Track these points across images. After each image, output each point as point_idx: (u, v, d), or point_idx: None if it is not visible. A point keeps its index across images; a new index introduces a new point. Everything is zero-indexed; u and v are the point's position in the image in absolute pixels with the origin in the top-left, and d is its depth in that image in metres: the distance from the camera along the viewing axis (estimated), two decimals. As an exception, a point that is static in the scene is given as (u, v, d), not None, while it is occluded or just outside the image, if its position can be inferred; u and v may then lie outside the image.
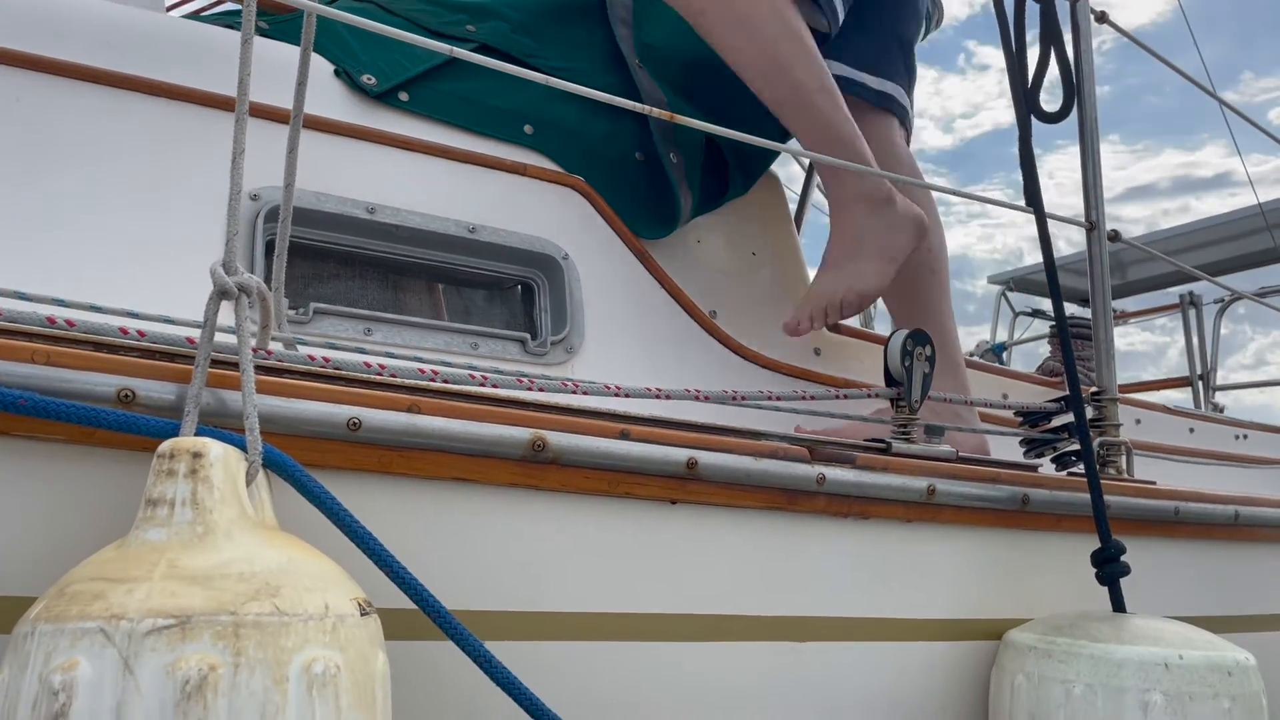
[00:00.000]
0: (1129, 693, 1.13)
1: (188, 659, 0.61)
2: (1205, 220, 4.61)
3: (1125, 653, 1.15)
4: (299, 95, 1.02)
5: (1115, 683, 1.14)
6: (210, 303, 0.78)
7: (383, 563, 0.79)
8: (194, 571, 0.64)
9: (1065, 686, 1.15)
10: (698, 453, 1.02)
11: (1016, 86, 1.49)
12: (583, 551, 0.98)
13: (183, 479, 0.68)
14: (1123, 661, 1.14)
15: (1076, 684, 1.15)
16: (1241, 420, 2.77)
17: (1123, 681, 1.14)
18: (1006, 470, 1.28)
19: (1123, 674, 1.14)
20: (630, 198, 1.64)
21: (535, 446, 0.93)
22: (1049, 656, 1.18)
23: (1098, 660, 1.15)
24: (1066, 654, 1.17)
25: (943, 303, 1.82)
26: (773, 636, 1.10)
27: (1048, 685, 1.16)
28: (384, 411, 0.86)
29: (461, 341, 1.42)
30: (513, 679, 0.82)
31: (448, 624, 0.80)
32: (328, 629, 0.66)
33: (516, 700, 0.82)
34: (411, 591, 0.80)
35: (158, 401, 0.78)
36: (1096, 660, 1.15)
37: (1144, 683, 1.13)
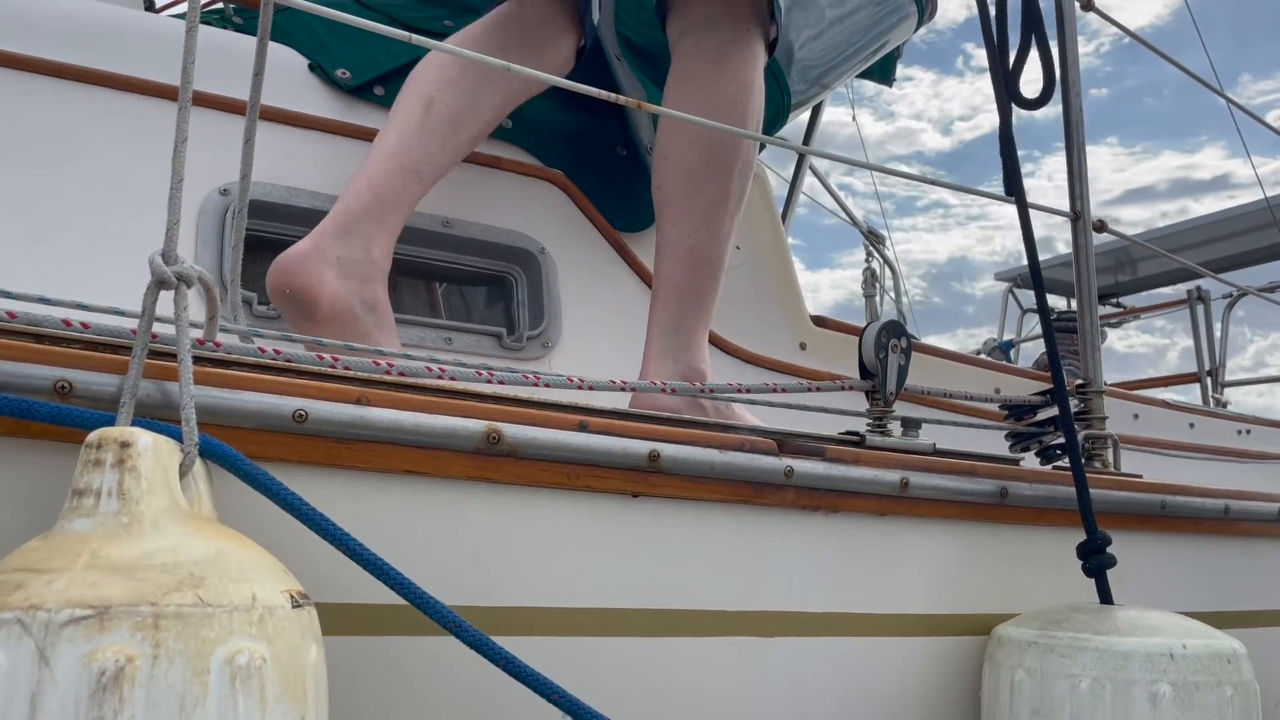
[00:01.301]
0: (1137, 685, 1.12)
1: (105, 650, 0.60)
2: (1211, 215, 4.57)
3: (1130, 644, 1.14)
4: (255, 86, 1.01)
5: (1123, 675, 1.12)
6: (148, 293, 0.77)
7: (338, 541, 0.78)
8: (116, 562, 0.63)
9: (1071, 681, 1.13)
10: (660, 445, 1.01)
11: (996, 72, 1.47)
12: (540, 546, 0.97)
13: (109, 469, 0.68)
14: (1129, 654, 1.13)
15: (1083, 678, 1.13)
16: (1244, 415, 2.73)
17: (1130, 674, 1.12)
18: (984, 463, 1.26)
19: (1130, 666, 1.12)
20: (610, 191, 1.63)
21: (490, 438, 0.92)
22: (1051, 651, 1.16)
23: (1103, 653, 1.13)
24: (1070, 648, 1.15)
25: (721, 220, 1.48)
26: (739, 632, 1.08)
27: (1052, 680, 1.15)
28: (331, 403, 0.85)
29: (435, 337, 1.41)
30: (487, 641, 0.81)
31: (413, 595, 0.79)
32: (254, 620, 0.65)
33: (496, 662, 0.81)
34: (372, 568, 0.78)
35: (96, 393, 0.77)
36: (1102, 653, 1.13)
37: (1151, 674, 1.12)
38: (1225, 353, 4.24)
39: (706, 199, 1.36)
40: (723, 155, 1.37)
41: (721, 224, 1.38)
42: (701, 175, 1.36)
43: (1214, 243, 4.59)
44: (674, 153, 1.38)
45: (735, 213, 1.41)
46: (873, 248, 5.66)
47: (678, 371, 1.34)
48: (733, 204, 1.39)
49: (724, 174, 1.37)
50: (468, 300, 1.52)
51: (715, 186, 1.36)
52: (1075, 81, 1.55)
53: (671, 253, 1.36)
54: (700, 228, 1.36)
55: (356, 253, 1.20)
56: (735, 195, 1.40)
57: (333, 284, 1.17)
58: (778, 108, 1.83)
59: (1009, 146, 1.46)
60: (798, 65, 1.92)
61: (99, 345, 0.82)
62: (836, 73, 2.04)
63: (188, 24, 0.83)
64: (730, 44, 1.40)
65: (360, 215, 1.22)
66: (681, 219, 1.37)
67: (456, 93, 1.32)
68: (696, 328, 1.36)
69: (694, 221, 1.36)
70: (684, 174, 1.37)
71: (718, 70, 1.39)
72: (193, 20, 0.83)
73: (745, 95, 1.39)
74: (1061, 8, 1.55)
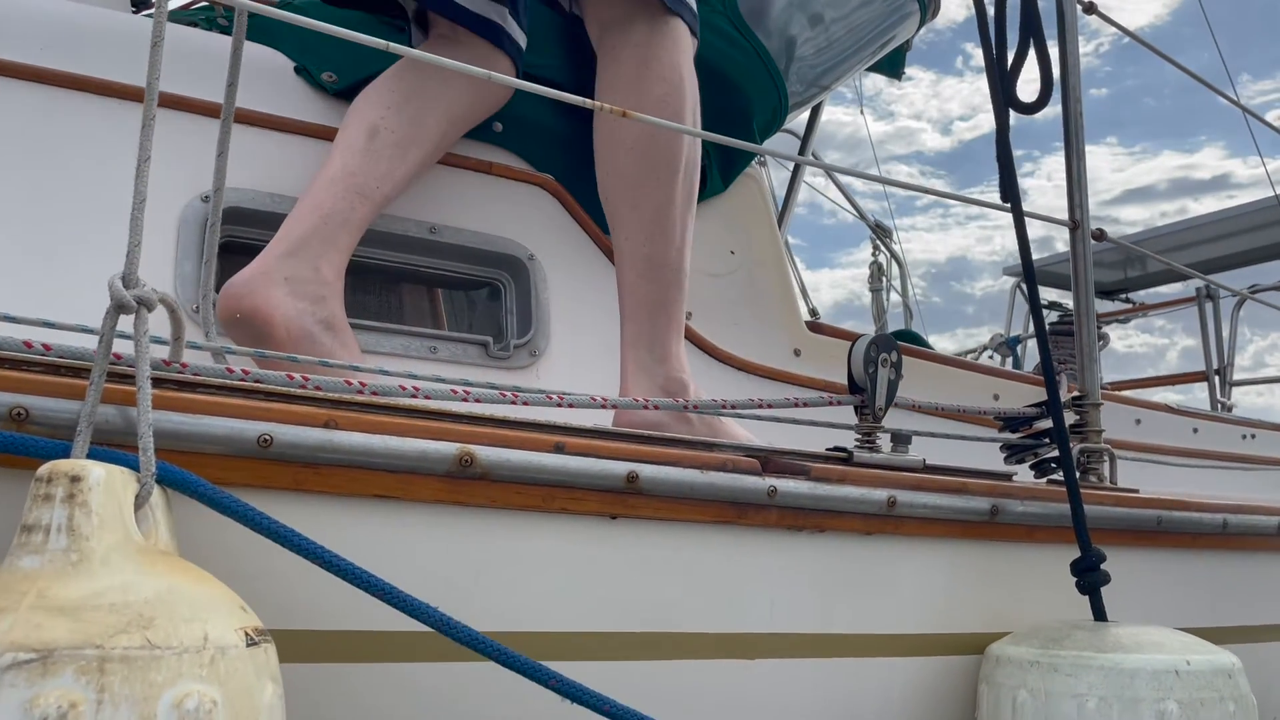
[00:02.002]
0: (1144, 703, 1.11)
1: (47, 695, 0.58)
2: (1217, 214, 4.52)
3: (1136, 662, 1.12)
4: (229, 96, 0.99)
5: (1129, 694, 1.11)
6: (107, 317, 0.76)
7: (314, 556, 0.76)
8: (63, 602, 0.62)
9: (1077, 700, 1.12)
10: (639, 466, 0.99)
11: (993, 76, 1.44)
12: (516, 570, 0.95)
13: (59, 504, 0.66)
14: (1135, 671, 1.12)
15: (1089, 697, 1.12)
16: (1249, 419, 2.70)
17: (1137, 692, 1.11)
18: (974, 480, 1.24)
19: (1136, 684, 1.11)
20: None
21: (462, 461, 0.90)
22: (1055, 670, 1.14)
23: (1109, 672, 1.12)
24: (1075, 667, 1.13)
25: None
26: (720, 654, 1.06)
27: (1057, 701, 1.13)
28: (298, 427, 0.83)
29: (420, 345, 1.39)
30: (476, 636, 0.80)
31: (396, 599, 0.77)
32: (205, 661, 0.63)
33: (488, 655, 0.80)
34: (351, 578, 0.77)
35: (54, 420, 0.75)
36: (1108, 672, 1.12)
37: (1158, 692, 1.11)
38: (1234, 351, 4.19)
39: (654, 205, 1.34)
40: (663, 158, 1.34)
41: (672, 227, 1.35)
42: (645, 182, 1.34)
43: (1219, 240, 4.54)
44: (613, 163, 1.36)
45: (686, 214, 1.38)
46: (880, 241, 5.62)
47: (658, 385, 1.33)
48: (680, 205, 1.36)
49: (667, 177, 1.35)
50: (454, 308, 1.50)
51: (660, 191, 1.34)
52: (1075, 86, 1.52)
53: (630, 265, 1.35)
54: (654, 234, 1.34)
55: (305, 272, 1.19)
56: (683, 196, 1.37)
57: (284, 304, 1.15)
58: (774, 110, 1.81)
59: (1005, 152, 1.43)
60: (796, 65, 1.89)
61: (61, 369, 0.80)
62: (836, 72, 2.01)
63: (153, 39, 0.81)
64: (649, 41, 1.37)
65: (307, 236, 1.20)
66: (632, 229, 1.35)
67: (402, 118, 1.30)
68: (669, 337, 1.34)
69: (645, 229, 1.34)
70: (626, 183, 1.35)
71: (642, 72, 1.36)
72: (158, 36, 0.81)
73: (676, 93, 1.36)
74: (1063, 10, 1.52)
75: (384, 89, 1.33)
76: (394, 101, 1.31)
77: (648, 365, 1.33)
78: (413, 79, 1.35)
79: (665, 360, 1.34)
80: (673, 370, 1.34)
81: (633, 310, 1.34)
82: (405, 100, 1.32)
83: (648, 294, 1.34)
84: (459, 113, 1.38)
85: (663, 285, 1.34)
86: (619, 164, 1.36)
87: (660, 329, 1.34)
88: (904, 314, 5.62)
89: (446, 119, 1.36)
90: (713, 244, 1.77)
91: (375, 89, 1.34)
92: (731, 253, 1.77)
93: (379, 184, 1.27)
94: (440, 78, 1.34)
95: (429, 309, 1.49)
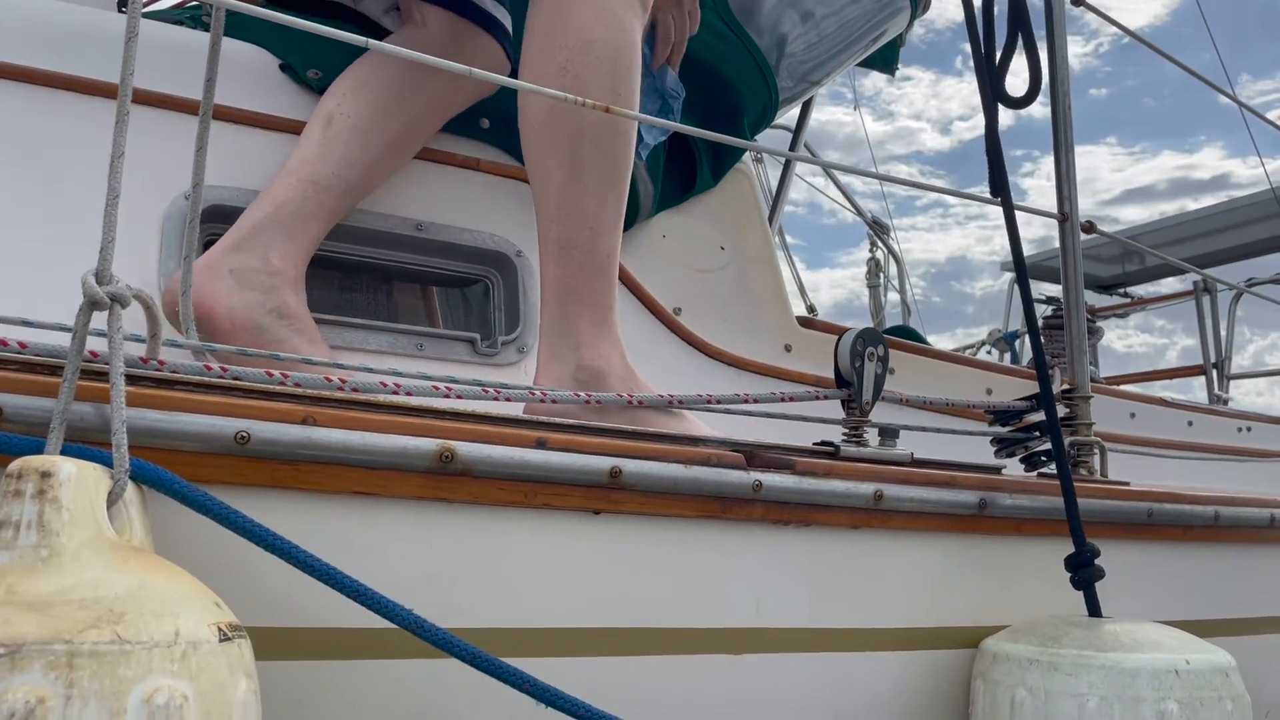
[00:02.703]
0: (1145, 703, 1.10)
1: (15, 690, 0.58)
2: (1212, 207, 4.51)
3: (1137, 662, 1.12)
4: (208, 91, 0.99)
5: (1130, 693, 1.10)
6: (80, 314, 0.75)
7: (287, 554, 0.76)
8: (32, 598, 0.61)
9: (1078, 700, 1.11)
10: (622, 461, 0.98)
11: (982, 71, 1.43)
12: (498, 566, 0.95)
13: (29, 500, 0.66)
14: (1136, 671, 1.11)
15: (1090, 697, 1.11)
16: (1244, 412, 2.69)
17: (1138, 692, 1.10)
18: (963, 474, 1.24)
19: (1137, 684, 1.11)
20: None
21: (443, 458, 0.89)
22: (1055, 670, 1.14)
23: (1110, 671, 1.11)
24: (1075, 666, 1.13)
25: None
26: (707, 649, 1.06)
27: (1057, 700, 1.12)
28: (276, 424, 0.83)
29: (407, 342, 1.39)
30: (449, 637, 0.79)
31: (369, 600, 0.77)
32: (176, 656, 0.63)
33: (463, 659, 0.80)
34: (324, 577, 0.76)
35: (29, 418, 0.75)
36: (1109, 671, 1.11)
37: (1159, 692, 1.10)
38: (1231, 345, 4.18)
39: (555, 185, 1.24)
40: (561, 133, 1.24)
41: (581, 206, 1.25)
42: (545, 161, 1.25)
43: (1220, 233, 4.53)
44: (524, 145, 1.28)
45: (602, 191, 1.26)
46: (877, 237, 5.62)
47: (569, 373, 1.25)
48: (591, 182, 1.25)
49: (566, 153, 1.24)
50: (441, 305, 1.50)
51: (560, 170, 1.24)
52: (1064, 80, 1.51)
53: (543, 249, 1.27)
54: (560, 215, 1.25)
55: (253, 262, 1.18)
56: (592, 171, 1.25)
57: (227, 297, 1.15)
58: (765, 105, 1.80)
59: (994, 146, 1.43)
60: (787, 61, 1.89)
61: (36, 367, 0.80)
62: (828, 67, 2.01)
63: (126, 34, 0.81)
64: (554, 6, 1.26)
65: (256, 227, 1.20)
66: (541, 209, 1.27)
67: (359, 104, 1.29)
68: (581, 324, 1.26)
69: (552, 209, 1.25)
70: (531, 163, 1.27)
71: (544, 41, 1.26)
72: (132, 30, 0.81)
73: (578, 59, 1.23)
74: (1051, 5, 1.51)
75: (343, 78, 1.32)
76: (350, 88, 1.30)
77: (560, 352, 1.25)
78: (372, 64, 1.34)
79: (579, 347, 1.25)
80: (585, 358, 1.25)
81: (547, 296, 1.27)
82: (362, 85, 1.30)
83: (556, 278, 1.25)
84: (433, 95, 1.36)
85: (572, 268, 1.25)
86: (526, 145, 1.27)
87: (571, 315, 1.25)
88: (902, 311, 5.62)
89: (416, 100, 1.34)
90: (703, 240, 1.77)
91: (337, 80, 1.33)
92: (722, 248, 1.76)
93: (336, 170, 1.25)
94: (400, 62, 1.30)
95: (416, 306, 1.48)
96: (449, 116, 1.44)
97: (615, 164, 1.27)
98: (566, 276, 1.25)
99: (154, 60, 1.36)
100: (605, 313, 1.28)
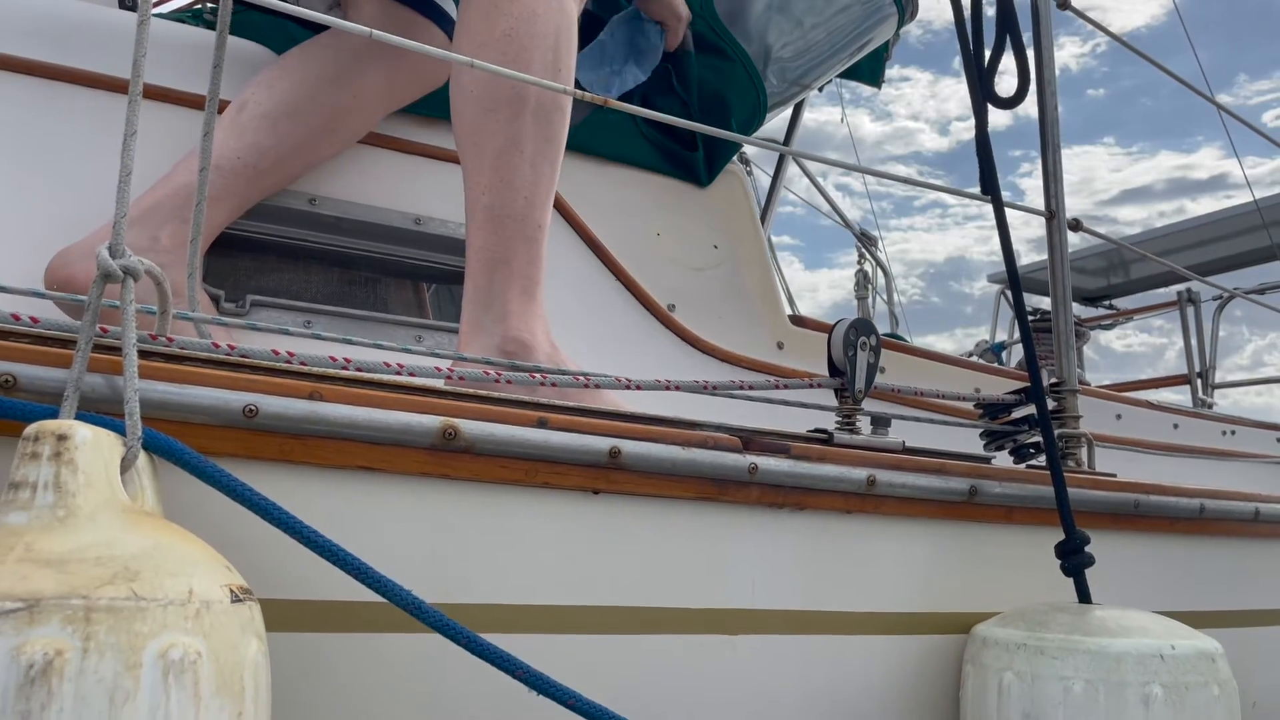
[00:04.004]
0: (1130, 687, 1.12)
1: (34, 643, 0.59)
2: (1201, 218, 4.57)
3: (1122, 646, 1.13)
4: (215, 79, 1.00)
5: (1115, 677, 1.12)
6: (94, 286, 0.77)
7: (292, 530, 0.77)
8: (49, 555, 0.63)
9: (1064, 684, 1.13)
10: (621, 441, 1.00)
11: (971, 72, 1.47)
12: (499, 543, 0.96)
13: (46, 461, 0.67)
14: (1121, 655, 1.13)
15: (1076, 680, 1.13)
16: (1228, 415, 2.73)
17: (1123, 676, 1.12)
18: (953, 461, 1.26)
19: (1122, 668, 1.12)
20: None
21: (446, 434, 0.91)
22: (1042, 653, 1.15)
23: (1095, 655, 1.13)
24: (1061, 650, 1.14)
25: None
26: (703, 629, 1.07)
27: (1043, 683, 1.14)
28: (283, 398, 0.85)
29: (405, 334, 1.40)
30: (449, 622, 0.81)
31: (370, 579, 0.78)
32: (190, 614, 0.64)
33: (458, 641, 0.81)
34: (327, 554, 0.78)
35: (41, 387, 0.76)
36: (1094, 655, 1.13)
37: (1143, 676, 1.12)
38: (1215, 354, 4.23)
39: (493, 150, 1.22)
40: (503, 98, 1.22)
41: (516, 174, 1.22)
42: (483, 125, 1.22)
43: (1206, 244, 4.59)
44: (457, 112, 1.25)
45: (541, 161, 1.25)
46: (865, 249, 5.67)
47: (493, 344, 1.21)
48: (529, 150, 1.23)
49: (508, 117, 1.22)
50: (439, 298, 1.51)
51: (500, 134, 1.22)
52: (1050, 80, 1.54)
53: (471, 218, 1.24)
54: (495, 183, 1.22)
55: (142, 241, 1.19)
56: (530, 140, 1.23)
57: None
58: (753, 108, 1.83)
59: (984, 146, 1.46)
60: (775, 65, 1.92)
61: (49, 340, 0.81)
62: (816, 72, 2.04)
63: (139, 18, 0.83)
64: None
65: (149, 208, 1.21)
66: (473, 177, 1.24)
67: (274, 93, 1.31)
68: (509, 294, 1.22)
69: (486, 177, 1.22)
70: (466, 128, 1.24)
71: (489, 9, 1.24)
72: (143, 14, 0.83)
73: (524, 27, 1.23)
74: (1037, 7, 1.55)
75: (267, 68, 1.35)
76: (269, 79, 1.33)
77: (484, 324, 1.21)
78: (298, 56, 1.36)
79: (504, 319, 1.21)
80: (511, 329, 1.21)
81: (472, 266, 1.22)
82: (281, 76, 1.33)
83: (486, 245, 1.22)
84: (362, 89, 1.37)
85: (504, 237, 1.21)
86: (461, 111, 1.24)
87: (499, 285, 1.21)
88: (890, 321, 5.66)
89: (340, 93, 1.35)
90: (696, 238, 1.79)
91: (262, 69, 1.36)
92: (715, 247, 1.79)
93: (241, 155, 1.27)
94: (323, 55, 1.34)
95: (414, 299, 1.50)
96: (387, 110, 1.44)
97: (552, 136, 1.26)
98: (497, 245, 1.22)
99: (155, 56, 1.38)
100: (533, 286, 1.25)
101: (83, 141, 1.31)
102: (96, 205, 1.27)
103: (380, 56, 1.38)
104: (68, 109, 1.32)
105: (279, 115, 1.29)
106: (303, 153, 1.34)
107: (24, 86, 1.31)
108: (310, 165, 1.37)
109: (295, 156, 1.33)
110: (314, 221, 1.38)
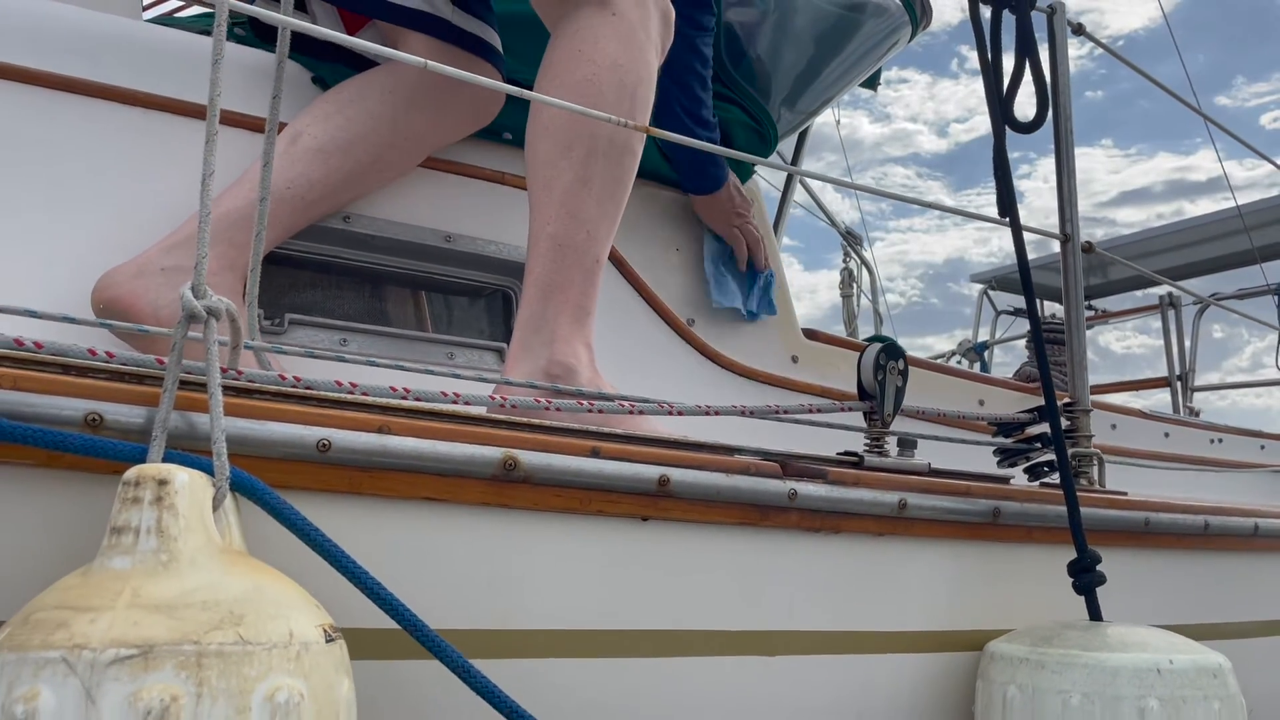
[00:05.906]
0: (1125, 700, 1.15)
1: (150, 689, 0.61)
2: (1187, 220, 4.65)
3: (1119, 660, 1.17)
4: (273, 109, 1.01)
5: (1111, 691, 1.15)
6: (179, 327, 0.78)
7: (357, 580, 0.80)
8: (158, 600, 0.64)
9: (1061, 697, 1.17)
10: (669, 470, 1.03)
11: (992, 96, 1.50)
12: (554, 569, 0.98)
13: (148, 506, 0.68)
14: (1117, 670, 1.16)
15: (1073, 694, 1.16)
16: (1216, 424, 2.80)
17: (1119, 690, 1.15)
18: (978, 484, 1.29)
19: (1118, 682, 1.15)
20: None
21: (506, 465, 0.93)
22: (1042, 668, 1.19)
23: (1092, 669, 1.16)
24: (1060, 664, 1.18)
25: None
26: (743, 651, 1.10)
27: (1043, 696, 1.18)
28: (354, 432, 0.86)
29: (438, 351, 1.42)
30: (492, 688, 0.83)
31: (425, 638, 0.81)
32: (292, 656, 0.66)
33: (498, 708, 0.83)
34: (387, 607, 0.80)
35: (125, 425, 0.78)
36: (1091, 669, 1.16)
37: (1139, 690, 1.15)
38: (1195, 358, 4.32)
39: (563, 185, 1.27)
40: (577, 137, 1.28)
41: (582, 208, 1.27)
42: (557, 161, 1.28)
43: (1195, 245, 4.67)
44: (532, 148, 1.32)
45: (604, 198, 1.30)
46: (850, 248, 5.72)
47: (539, 367, 1.24)
48: (596, 187, 1.29)
49: (580, 157, 1.28)
50: (469, 314, 1.53)
51: (571, 171, 1.27)
52: (1066, 105, 1.58)
53: (534, 247, 1.29)
54: (560, 215, 1.27)
55: (187, 263, 1.19)
56: (598, 178, 1.29)
57: (155, 294, 1.17)
58: (758, 145, 1.85)
59: (1003, 169, 1.49)
60: (790, 95, 1.95)
61: (125, 375, 0.82)
62: (831, 93, 2.06)
63: (214, 55, 0.84)
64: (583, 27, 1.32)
65: (192, 234, 1.22)
66: (540, 209, 1.29)
67: (328, 128, 1.33)
68: (561, 320, 1.26)
69: (553, 209, 1.27)
70: (540, 163, 1.30)
71: (572, 56, 1.31)
72: (218, 53, 0.84)
73: (604, 74, 1.30)
74: (1054, 34, 1.58)
75: (321, 99, 1.37)
76: (324, 113, 1.35)
77: (532, 346, 1.25)
78: (352, 92, 1.38)
79: (552, 344, 1.25)
80: (558, 354, 1.25)
81: (528, 293, 1.27)
82: (336, 111, 1.35)
83: (544, 274, 1.26)
84: (410, 131, 1.40)
85: (563, 267, 1.26)
86: (536, 147, 1.30)
87: (553, 311, 1.26)
88: (874, 320, 5.72)
89: (390, 134, 1.38)
90: (713, 253, 1.81)
91: (316, 100, 1.38)
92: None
93: (290, 185, 1.28)
94: (378, 94, 1.36)
95: (446, 315, 1.51)
96: (434, 149, 1.47)
97: (620, 178, 1.32)
98: (555, 273, 1.26)
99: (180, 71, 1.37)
100: (584, 315, 1.29)
101: (121, 159, 1.31)
102: (134, 223, 1.27)
103: (433, 99, 1.40)
104: (103, 126, 1.32)
105: (332, 150, 1.31)
106: (351, 186, 1.36)
107: (59, 101, 1.30)
108: (356, 197, 1.39)
109: (343, 189, 1.35)
110: (348, 239, 1.39)
